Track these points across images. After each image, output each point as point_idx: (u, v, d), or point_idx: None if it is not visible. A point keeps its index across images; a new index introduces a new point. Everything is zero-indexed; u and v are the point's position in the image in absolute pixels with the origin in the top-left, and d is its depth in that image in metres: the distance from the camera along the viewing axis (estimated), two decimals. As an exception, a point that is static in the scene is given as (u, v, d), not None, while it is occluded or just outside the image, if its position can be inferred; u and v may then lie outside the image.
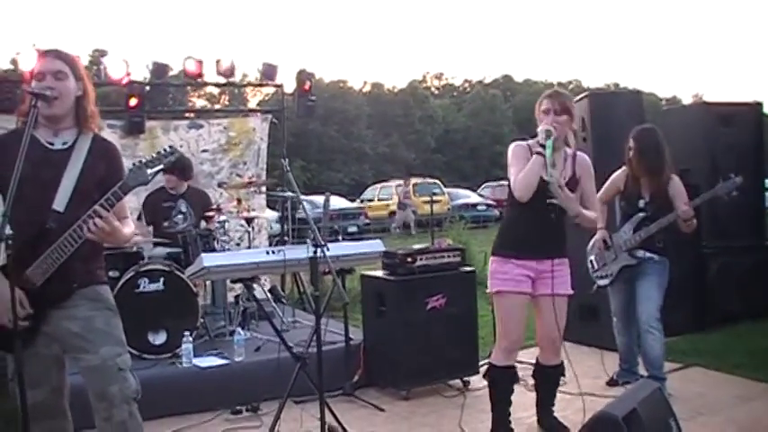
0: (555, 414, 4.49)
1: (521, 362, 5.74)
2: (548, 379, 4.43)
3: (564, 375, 4.46)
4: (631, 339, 5.24)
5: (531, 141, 4.09)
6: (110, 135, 7.84)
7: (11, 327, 2.62)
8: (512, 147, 4.16)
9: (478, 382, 5.27)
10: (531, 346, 4.82)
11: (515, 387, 4.39)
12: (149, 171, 2.95)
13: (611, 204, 5.31)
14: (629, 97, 7.18)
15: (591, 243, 5.29)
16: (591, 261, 5.31)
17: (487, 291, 4.24)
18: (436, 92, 57.68)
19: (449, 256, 5.61)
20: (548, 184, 3.95)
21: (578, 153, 4.24)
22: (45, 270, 2.93)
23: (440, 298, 5.44)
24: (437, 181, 28.88)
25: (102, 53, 33.61)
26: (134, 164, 2.97)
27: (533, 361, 4.52)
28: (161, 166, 2.99)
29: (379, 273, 5.62)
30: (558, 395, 4.56)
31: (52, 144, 3.03)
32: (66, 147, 3.04)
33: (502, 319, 4.20)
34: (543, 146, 3.92)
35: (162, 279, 5.73)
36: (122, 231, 3.01)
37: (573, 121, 4.12)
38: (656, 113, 11.28)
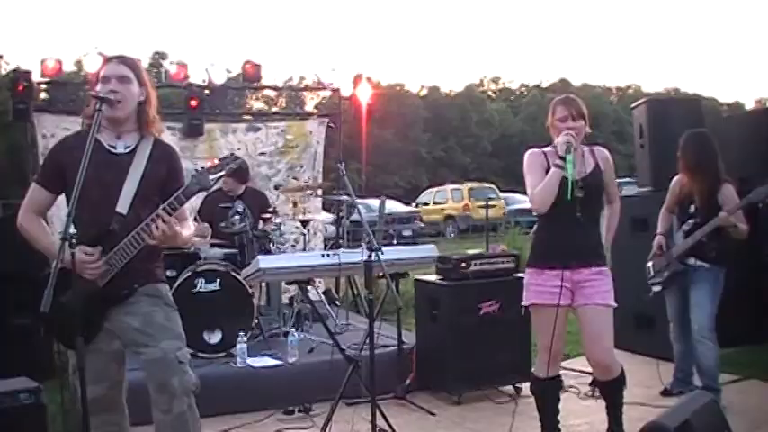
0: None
1: (571, 369, 5.74)
2: (606, 393, 4.18)
3: (624, 388, 4.16)
4: (687, 347, 5.14)
5: (547, 149, 3.97)
6: (169, 137, 7.99)
7: (74, 320, 2.70)
8: (527, 155, 4.04)
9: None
10: (582, 355, 4.75)
11: (567, 394, 4.33)
12: (212, 177, 3.02)
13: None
14: (688, 103, 7.07)
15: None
16: (648, 267, 5.24)
17: (523, 303, 4.07)
18: (493, 96, 57.30)
19: (503, 262, 5.59)
20: (572, 189, 3.79)
21: (596, 147, 4.13)
22: (107, 271, 3.02)
23: (493, 304, 5.42)
24: (493, 186, 28.71)
25: (163, 56, 34.42)
26: (196, 169, 3.04)
27: (587, 369, 4.44)
28: (223, 172, 3.06)
29: (433, 277, 5.62)
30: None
31: (114, 147, 3.12)
32: (128, 151, 3.13)
33: (540, 332, 4.05)
34: (563, 158, 3.79)
35: (218, 279, 5.81)
36: (183, 235, 3.09)
37: (587, 124, 4.02)
38: (716, 119, 11.05)
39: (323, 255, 4.61)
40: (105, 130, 3.11)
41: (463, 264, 5.44)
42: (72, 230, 2.65)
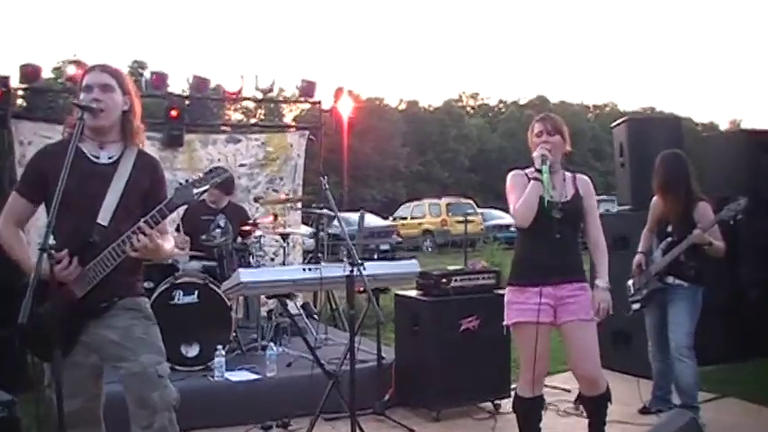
0: None
1: (553, 387, 5.74)
2: (592, 410, 4.17)
3: (609, 404, 4.17)
4: (666, 365, 5.16)
5: (528, 170, 4.02)
6: (149, 147, 7.84)
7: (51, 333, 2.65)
8: (510, 176, 4.10)
9: (510, 405, 5.21)
10: (565, 371, 4.75)
11: (547, 411, 4.32)
12: (196, 191, 2.99)
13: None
14: (668, 122, 7.12)
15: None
16: (628, 285, 5.27)
17: (505, 322, 4.06)
18: (471, 111, 57.60)
19: (484, 278, 5.61)
20: (550, 208, 3.84)
21: (578, 174, 4.18)
22: (87, 283, 2.97)
23: (473, 320, 5.42)
24: (471, 201, 28.84)
25: (142, 65, 34.20)
26: (180, 183, 3.00)
27: (566, 386, 4.46)
28: (207, 186, 3.03)
29: (414, 293, 5.63)
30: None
31: (98, 158, 3.08)
32: (111, 161, 3.09)
33: (524, 351, 4.02)
34: (540, 170, 3.87)
35: (196, 292, 5.78)
36: (164, 248, 3.05)
37: (566, 142, 4.07)
38: (695, 139, 11.17)
39: (304, 269, 4.61)
40: (88, 140, 3.08)
41: (444, 279, 5.45)
42: (51, 241, 2.60)
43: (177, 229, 6.69)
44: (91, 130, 3.06)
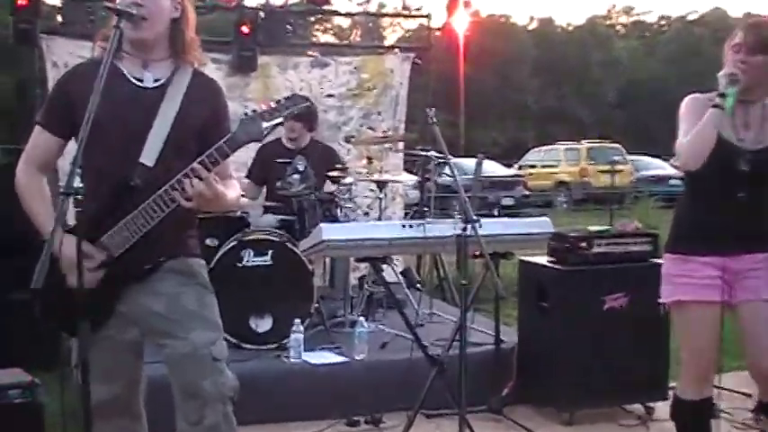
0: None
1: (726, 389, 5.48)
2: None
3: None
4: None
5: (711, 94, 3.71)
6: (214, 72, 7.97)
7: (77, 300, 2.61)
8: (686, 100, 3.82)
9: (667, 409, 5.04)
10: (743, 369, 4.51)
11: (718, 422, 4.15)
12: (265, 124, 2.90)
13: None
14: None
15: None
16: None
17: (662, 300, 3.91)
18: (622, 31, 56.26)
19: (636, 243, 5.48)
20: (733, 154, 3.58)
21: None
22: (125, 239, 2.93)
23: (621, 297, 5.30)
24: (618, 145, 28.14)
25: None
26: (246, 113, 2.92)
27: (744, 389, 4.28)
28: (280, 119, 2.94)
29: (544, 259, 5.55)
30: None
31: (141, 80, 3.02)
32: (158, 84, 3.03)
33: (687, 338, 3.86)
34: (724, 95, 3.57)
35: (270, 252, 5.79)
36: (226, 197, 2.99)
37: None
38: None
39: (404, 226, 4.61)
40: (128, 58, 3.02)
41: (584, 243, 5.34)
42: (78, 184, 2.54)
43: (248, 175, 6.73)
44: (131, 45, 2.99)
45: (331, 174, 6.71)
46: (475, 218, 4.20)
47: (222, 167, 2.98)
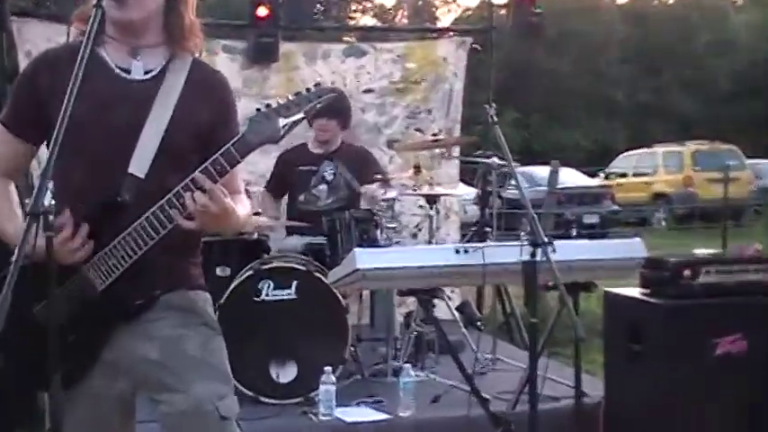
0: None
1: None
2: None
3: None
4: None
5: None
6: (226, 63, 8.06)
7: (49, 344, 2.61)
8: None
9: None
10: None
11: None
12: (282, 122, 2.84)
13: None
14: None
15: None
16: None
17: None
18: (739, 2, 55.78)
19: (756, 272, 5.44)
20: None
21: None
22: (111, 268, 2.92)
23: (737, 339, 5.25)
24: (733, 147, 27.87)
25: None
26: (259, 110, 2.87)
27: None
28: (300, 115, 2.87)
29: (636, 291, 5.53)
30: None
31: (128, 71, 3.02)
32: (150, 76, 3.02)
33: None
34: None
35: (294, 283, 5.80)
36: (236, 215, 2.95)
37: None
38: None
39: (458, 250, 4.59)
40: (113, 43, 3.01)
41: (688, 271, 5.31)
42: (48, 201, 2.52)
43: (268, 185, 6.76)
44: (116, 27, 2.98)
45: (369, 186, 6.71)
46: (547, 240, 4.18)
47: (230, 178, 2.96)
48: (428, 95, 8.93)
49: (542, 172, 17.83)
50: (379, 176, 6.81)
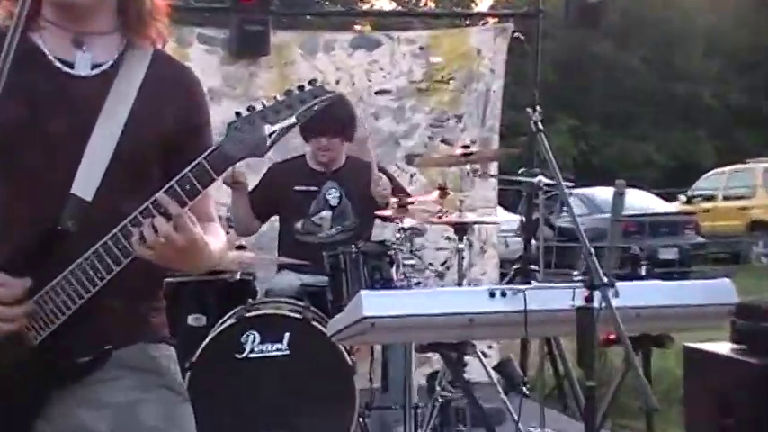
0: None
1: None
2: None
3: None
4: None
5: None
6: (203, 57, 8.10)
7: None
8: None
9: None
10: None
11: None
12: (269, 129, 2.82)
13: None
14: None
15: None
16: None
17: None
18: None
19: None
20: None
21: None
22: (51, 315, 2.90)
23: None
24: None
25: None
26: (239, 114, 2.86)
27: None
28: (292, 120, 2.85)
29: (725, 347, 5.57)
30: None
31: (71, 65, 3.00)
32: (99, 72, 3.01)
33: None
34: None
35: (287, 335, 5.81)
36: (209, 248, 2.92)
37: None
38: None
39: (494, 293, 4.57)
40: (52, 30, 3.01)
41: None
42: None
43: (257, 213, 6.77)
44: (56, 10, 2.98)
45: (382, 212, 6.70)
46: (609, 280, 4.16)
47: (202, 202, 2.94)
48: (458, 97, 8.98)
49: (604, 194, 17.86)
50: (396, 201, 6.79)
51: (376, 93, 8.73)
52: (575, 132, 38.03)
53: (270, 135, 2.80)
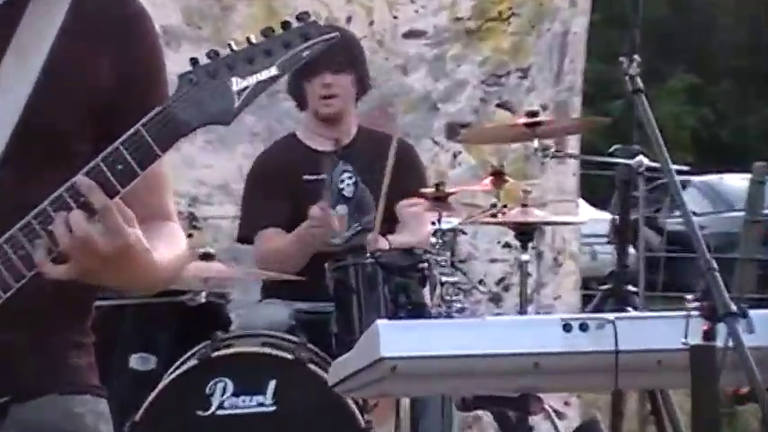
0: None
1: None
2: None
3: None
4: None
5: None
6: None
7: None
8: None
9: None
10: None
11: None
12: (239, 83, 2.81)
13: None
14: None
15: None
16: None
17: None
18: None
19: None
20: None
21: None
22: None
23: None
24: None
25: None
26: (196, 62, 2.84)
27: None
28: (273, 71, 2.85)
29: None
30: None
31: None
32: (2, 2, 3.03)
33: None
34: None
35: (272, 384, 5.84)
36: (148, 257, 2.91)
37: None
38: None
39: (569, 325, 4.52)
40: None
41: None
42: None
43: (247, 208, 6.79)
44: None
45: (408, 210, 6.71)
46: (738, 308, 4.11)
47: (152, 192, 2.99)
48: (523, 42, 8.96)
49: (736, 183, 17.85)
50: (428, 191, 6.79)
51: (404, 35, 8.73)
52: (694, 93, 38.11)
53: (239, 93, 2.78)
